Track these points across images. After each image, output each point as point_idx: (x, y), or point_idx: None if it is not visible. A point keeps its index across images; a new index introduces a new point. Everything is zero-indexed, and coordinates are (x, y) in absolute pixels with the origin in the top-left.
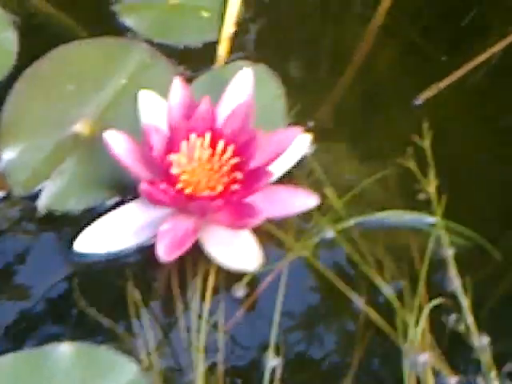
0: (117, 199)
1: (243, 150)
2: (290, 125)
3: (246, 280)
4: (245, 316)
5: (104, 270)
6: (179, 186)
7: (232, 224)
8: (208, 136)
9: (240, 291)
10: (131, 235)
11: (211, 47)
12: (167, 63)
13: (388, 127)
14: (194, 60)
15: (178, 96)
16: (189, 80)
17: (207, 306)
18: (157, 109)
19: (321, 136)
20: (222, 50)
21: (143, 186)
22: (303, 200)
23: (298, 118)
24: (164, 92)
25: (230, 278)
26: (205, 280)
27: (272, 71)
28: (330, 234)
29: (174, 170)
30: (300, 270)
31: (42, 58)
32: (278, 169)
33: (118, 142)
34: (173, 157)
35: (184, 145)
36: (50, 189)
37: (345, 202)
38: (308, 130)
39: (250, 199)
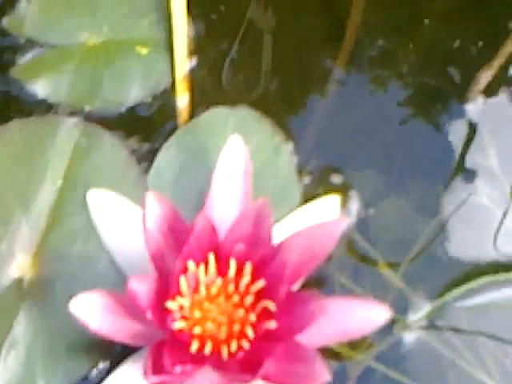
0: (102, 366)
1: (266, 266)
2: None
3: None
4: None
5: None
6: (194, 347)
7: (284, 382)
8: (212, 259)
9: None
10: None
11: (165, 98)
12: (112, 139)
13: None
14: (147, 123)
15: (156, 215)
16: (148, 155)
17: None
18: (117, 213)
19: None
20: (182, 98)
21: (152, 380)
22: (368, 315)
23: (317, 176)
24: (118, 183)
25: None
26: None
27: (262, 114)
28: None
29: (178, 325)
30: None
31: None
32: None
33: (90, 311)
34: (171, 304)
35: (182, 281)
36: (4, 373)
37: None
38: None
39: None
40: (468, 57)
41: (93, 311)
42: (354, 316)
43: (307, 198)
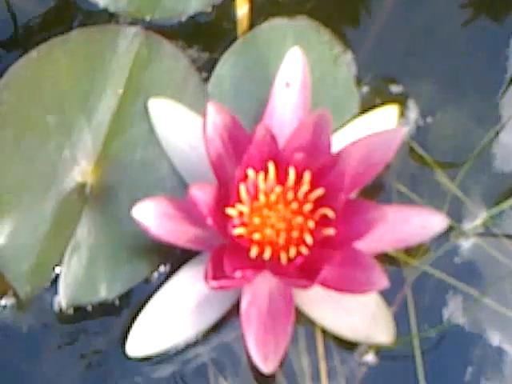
0: (162, 270)
1: (325, 175)
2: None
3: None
4: None
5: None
6: (253, 252)
7: (342, 288)
8: (272, 167)
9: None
10: (195, 318)
11: (225, 8)
12: (172, 48)
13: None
14: (207, 33)
15: (217, 124)
16: (208, 65)
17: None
18: (178, 122)
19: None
20: (241, 8)
21: (213, 284)
22: (426, 223)
23: (375, 86)
24: (178, 92)
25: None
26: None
27: (321, 25)
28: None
29: (238, 231)
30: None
31: None
32: None
33: (151, 216)
34: (231, 211)
35: (242, 189)
36: (67, 276)
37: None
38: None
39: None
40: None
41: (154, 217)
42: (411, 224)
43: (366, 107)
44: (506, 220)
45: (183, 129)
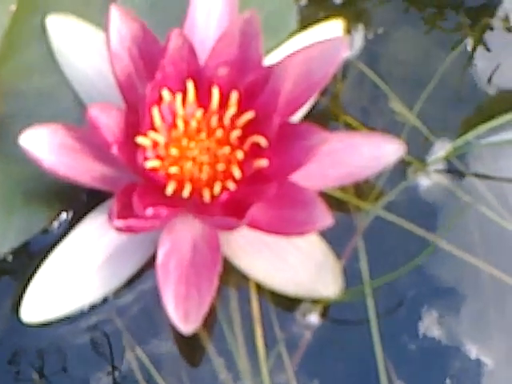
0: (64, 218)
1: (256, 95)
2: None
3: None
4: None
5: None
6: (169, 189)
7: (278, 229)
8: (191, 86)
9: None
10: (104, 275)
11: None
12: None
13: None
14: None
15: (123, 35)
16: None
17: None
18: (81, 42)
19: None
20: None
21: (118, 224)
22: (378, 152)
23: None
24: (82, 8)
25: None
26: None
27: None
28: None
29: (151, 164)
30: None
31: None
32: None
33: (43, 145)
34: (142, 140)
35: (156, 114)
36: None
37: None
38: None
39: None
40: None
41: (47, 146)
42: (360, 153)
43: (305, 23)
44: (470, 154)
45: (88, 50)
